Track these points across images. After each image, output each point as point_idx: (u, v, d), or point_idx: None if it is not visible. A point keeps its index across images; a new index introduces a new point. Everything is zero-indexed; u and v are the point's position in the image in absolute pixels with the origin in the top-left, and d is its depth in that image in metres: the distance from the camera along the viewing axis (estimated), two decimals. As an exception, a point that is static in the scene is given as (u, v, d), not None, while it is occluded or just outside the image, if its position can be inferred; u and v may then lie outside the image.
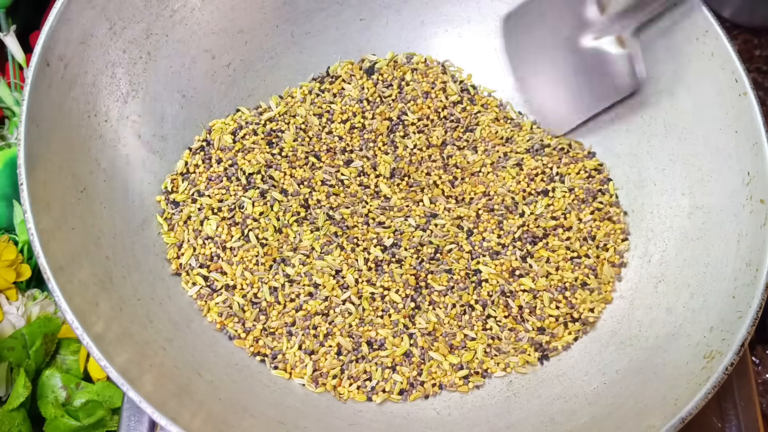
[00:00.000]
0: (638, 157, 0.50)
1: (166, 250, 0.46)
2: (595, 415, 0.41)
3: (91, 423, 0.46)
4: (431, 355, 0.44)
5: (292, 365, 0.44)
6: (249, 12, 0.52)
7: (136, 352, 0.39)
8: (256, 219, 0.47)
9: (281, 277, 0.46)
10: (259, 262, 0.46)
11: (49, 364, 0.49)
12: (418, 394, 0.44)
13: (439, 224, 0.48)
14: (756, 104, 0.43)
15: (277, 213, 0.47)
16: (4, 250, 0.50)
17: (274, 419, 0.41)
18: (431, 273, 0.47)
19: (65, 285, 0.37)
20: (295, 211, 0.48)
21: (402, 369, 0.44)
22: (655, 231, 0.48)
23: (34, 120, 0.39)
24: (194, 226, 0.47)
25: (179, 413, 0.36)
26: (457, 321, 0.46)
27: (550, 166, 0.50)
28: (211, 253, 0.46)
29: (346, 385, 0.44)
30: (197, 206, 0.47)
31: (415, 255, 0.47)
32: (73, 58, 0.42)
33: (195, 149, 0.49)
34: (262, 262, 0.46)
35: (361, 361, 0.44)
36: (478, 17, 0.54)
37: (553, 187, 0.50)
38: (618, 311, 0.47)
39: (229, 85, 0.52)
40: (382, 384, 0.44)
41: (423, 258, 0.47)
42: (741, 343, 0.38)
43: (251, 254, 0.46)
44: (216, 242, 0.46)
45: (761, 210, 0.42)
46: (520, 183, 0.50)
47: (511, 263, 0.47)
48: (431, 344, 0.45)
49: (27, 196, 0.37)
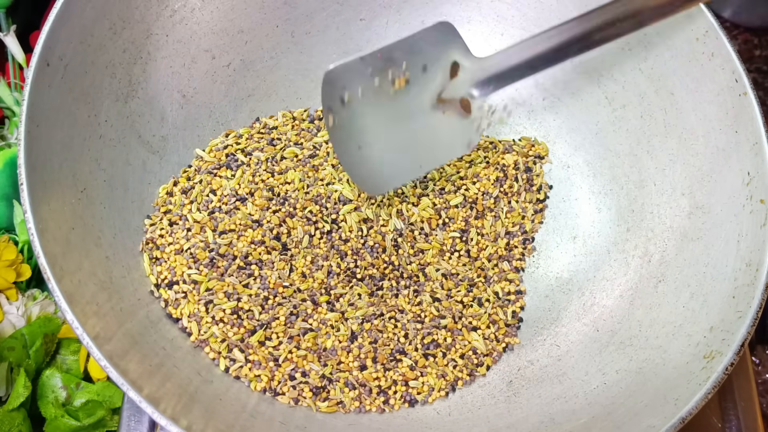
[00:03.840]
0: (638, 157, 0.50)
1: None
2: (595, 415, 0.41)
3: (91, 423, 0.46)
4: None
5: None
6: (249, 12, 0.52)
7: (136, 352, 0.39)
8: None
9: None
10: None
11: (49, 364, 0.49)
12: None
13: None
14: (756, 104, 0.43)
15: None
16: (4, 250, 0.50)
17: (275, 419, 0.41)
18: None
19: (65, 285, 0.37)
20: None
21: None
22: (655, 231, 0.48)
23: (34, 120, 0.39)
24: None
25: (179, 413, 0.36)
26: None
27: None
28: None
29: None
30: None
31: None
32: (73, 58, 0.42)
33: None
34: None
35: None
36: (478, 17, 0.54)
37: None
38: (618, 311, 0.47)
39: (229, 85, 0.52)
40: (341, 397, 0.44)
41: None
42: (741, 343, 0.38)
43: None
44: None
45: (761, 210, 0.42)
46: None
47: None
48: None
49: (27, 196, 0.37)
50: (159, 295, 0.44)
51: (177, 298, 0.44)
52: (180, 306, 0.44)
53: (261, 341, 0.44)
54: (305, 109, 0.54)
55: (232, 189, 0.48)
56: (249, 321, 0.44)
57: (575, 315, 0.48)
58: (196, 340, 0.43)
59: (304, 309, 0.45)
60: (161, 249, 0.45)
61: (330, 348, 0.45)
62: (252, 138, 0.51)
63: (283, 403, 0.43)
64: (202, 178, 0.49)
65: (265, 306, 0.45)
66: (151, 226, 0.46)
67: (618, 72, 0.50)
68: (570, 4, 0.51)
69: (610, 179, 0.51)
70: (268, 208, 0.48)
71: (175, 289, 0.44)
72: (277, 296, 0.45)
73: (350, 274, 0.47)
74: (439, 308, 0.47)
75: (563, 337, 0.47)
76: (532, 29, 0.53)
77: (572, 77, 0.52)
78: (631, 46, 0.49)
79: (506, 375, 0.46)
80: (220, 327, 0.43)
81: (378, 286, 0.47)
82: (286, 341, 0.44)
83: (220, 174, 0.49)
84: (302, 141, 0.52)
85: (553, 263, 0.51)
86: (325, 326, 0.45)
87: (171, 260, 0.45)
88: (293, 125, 0.53)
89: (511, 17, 0.54)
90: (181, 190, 0.48)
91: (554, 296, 0.50)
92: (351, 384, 0.44)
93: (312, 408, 0.43)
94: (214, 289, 0.44)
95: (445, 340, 0.46)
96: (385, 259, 0.48)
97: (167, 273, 0.45)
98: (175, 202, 0.47)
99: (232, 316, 0.44)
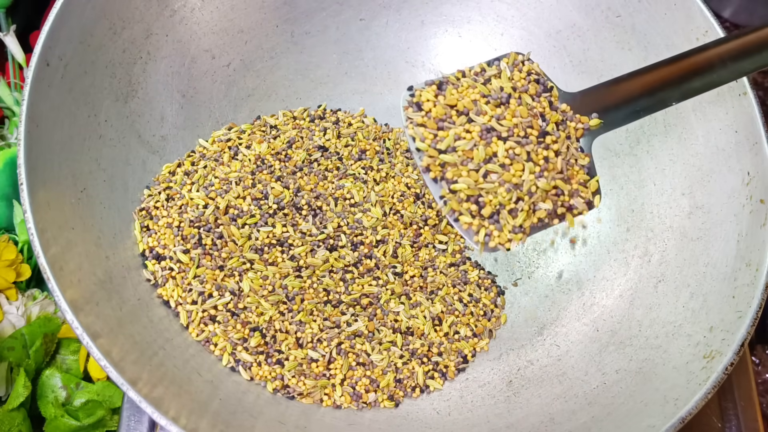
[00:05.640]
0: (638, 157, 0.50)
1: None
2: (595, 415, 0.41)
3: (91, 423, 0.46)
4: None
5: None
6: (249, 12, 0.52)
7: (136, 352, 0.39)
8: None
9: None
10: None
11: (49, 364, 0.49)
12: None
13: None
14: (756, 104, 0.43)
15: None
16: (4, 250, 0.50)
17: (274, 419, 0.41)
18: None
19: (65, 285, 0.37)
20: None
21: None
22: (655, 231, 0.48)
23: (34, 120, 0.39)
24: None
25: (179, 413, 0.36)
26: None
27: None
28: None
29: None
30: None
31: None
32: (73, 58, 0.42)
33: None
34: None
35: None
36: (478, 17, 0.54)
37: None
38: (618, 311, 0.47)
39: (229, 85, 0.52)
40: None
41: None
42: (741, 343, 0.38)
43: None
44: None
45: (761, 210, 0.42)
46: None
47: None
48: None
49: (27, 196, 0.37)
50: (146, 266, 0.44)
51: (164, 275, 0.44)
52: (168, 287, 0.44)
53: (265, 341, 0.44)
54: (305, 109, 0.54)
55: (236, 176, 0.48)
56: (248, 314, 0.44)
57: (575, 315, 0.48)
58: (196, 339, 0.43)
59: (306, 307, 0.45)
60: (155, 220, 0.46)
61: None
62: (254, 133, 0.51)
63: (299, 401, 0.43)
64: (206, 164, 0.49)
65: (265, 304, 0.45)
66: (149, 197, 0.46)
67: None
68: (570, 4, 0.51)
69: (610, 179, 0.51)
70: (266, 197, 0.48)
71: (162, 264, 0.44)
72: (276, 292, 0.45)
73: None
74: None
75: (563, 337, 0.47)
76: (532, 29, 0.53)
77: (572, 77, 0.52)
78: (631, 46, 0.49)
79: (506, 375, 0.46)
80: (220, 326, 0.43)
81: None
82: (288, 342, 0.44)
83: (224, 161, 0.49)
84: (303, 139, 0.52)
85: (552, 263, 0.51)
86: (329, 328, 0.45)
87: (161, 233, 0.45)
88: (294, 125, 0.53)
89: (511, 17, 0.54)
90: (185, 171, 0.48)
91: (554, 296, 0.50)
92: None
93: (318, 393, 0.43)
94: (204, 276, 0.44)
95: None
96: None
97: (155, 244, 0.45)
98: (176, 180, 0.48)
99: (227, 313, 0.44)
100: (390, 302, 0.47)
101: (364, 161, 0.51)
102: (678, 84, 0.40)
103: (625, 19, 0.49)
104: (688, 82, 0.40)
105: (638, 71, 0.41)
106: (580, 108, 0.41)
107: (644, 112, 0.41)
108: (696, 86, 0.40)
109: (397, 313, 0.47)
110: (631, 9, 0.49)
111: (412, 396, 0.45)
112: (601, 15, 0.50)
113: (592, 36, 0.51)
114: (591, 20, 0.51)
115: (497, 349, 0.48)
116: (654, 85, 0.40)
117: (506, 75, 0.40)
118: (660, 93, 0.40)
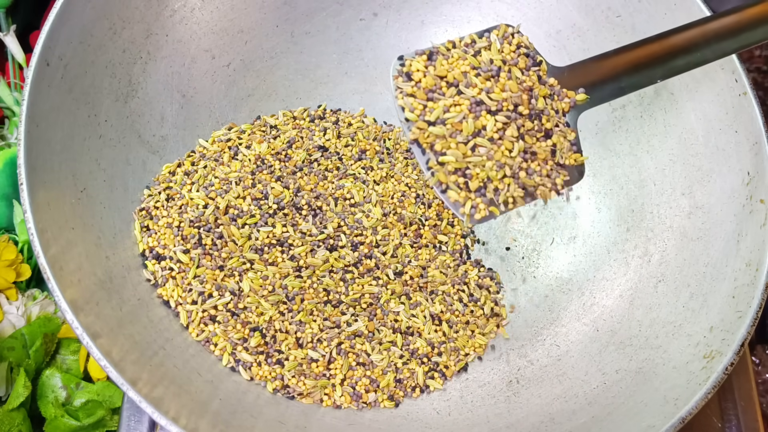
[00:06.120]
0: (638, 157, 0.50)
1: None
2: (595, 415, 0.41)
3: (91, 423, 0.46)
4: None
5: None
6: (249, 12, 0.52)
7: (136, 352, 0.39)
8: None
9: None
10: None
11: (49, 364, 0.49)
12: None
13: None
14: (756, 104, 0.43)
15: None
16: (4, 250, 0.50)
17: (274, 419, 0.41)
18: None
19: (65, 285, 0.37)
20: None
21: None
22: (655, 231, 0.48)
23: (34, 120, 0.39)
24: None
25: (179, 413, 0.36)
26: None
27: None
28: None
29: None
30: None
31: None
32: (73, 58, 0.42)
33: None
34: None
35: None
36: (478, 17, 0.54)
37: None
38: (618, 311, 0.47)
39: (229, 85, 0.52)
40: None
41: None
42: (741, 343, 0.38)
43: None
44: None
45: (761, 210, 0.42)
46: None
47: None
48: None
49: (27, 196, 0.37)
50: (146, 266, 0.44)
51: (164, 275, 0.44)
52: (168, 287, 0.44)
53: (265, 341, 0.44)
54: (305, 109, 0.54)
55: (236, 176, 0.48)
56: (249, 314, 0.44)
57: (575, 315, 0.48)
58: (196, 339, 0.43)
59: (305, 308, 0.45)
60: (155, 220, 0.46)
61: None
62: (254, 133, 0.51)
63: (299, 401, 0.43)
64: (206, 164, 0.49)
65: (265, 304, 0.45)
66: (149, 197, 0.46)
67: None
68: (570, 4, 0.51)
69: (610, 179, 0.51)
70: (267, 197, 0.48)
71: (162, 264, 0.44)
72: (276, 292, 0.45)
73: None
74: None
75: (563, 337, 0.47)
76: (532, 29, 0.53)
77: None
78: (631, 46, 0.49)
79: (506, 375, 0.46)
80: (220, 326, 0.43)
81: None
82: (288, 342, 0.44)
83: (224, 161, 0.49)
84: (303, 139, 0.52)
85: (552, 263, 0.51)
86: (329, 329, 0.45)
87: (161, 233, 0.45)
88: (294, 125, 0.53)
89: (511, 17, 0.54)
90: (185, 171, 0.48)
91: (554, 296, 0.50)
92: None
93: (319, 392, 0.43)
94: (204, 276, 0.44)
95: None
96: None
97: (155, 244, 0.45)
98: (176, 180, 0.48)
99: (227, 313, 0.44)
100: (390, 302, 0.47)
101: (364, 161, 0.52)
102: (663, 61, 0.40)
103: (625, 19, 0.49)
104: (673, 60, 0.40)
105: (625, 47, 0.41)
106: (568, 82, 0.41)
107: (629, 89, 0.41)
108: (680, 64, 0.41)
109: (397, 313, 0.47)
110: (631, 9, 0.49)
111: (412, 396, 0.45)
112: (601, 15, 0.50)
113: (592, 36, 0.51)
114: (591, 20, 0.51)
115: (497, 349, 0.48)
116: (640, 61, 0.41)
117: (496, 47, 0.40)
118: (645, 70, 0.41)
